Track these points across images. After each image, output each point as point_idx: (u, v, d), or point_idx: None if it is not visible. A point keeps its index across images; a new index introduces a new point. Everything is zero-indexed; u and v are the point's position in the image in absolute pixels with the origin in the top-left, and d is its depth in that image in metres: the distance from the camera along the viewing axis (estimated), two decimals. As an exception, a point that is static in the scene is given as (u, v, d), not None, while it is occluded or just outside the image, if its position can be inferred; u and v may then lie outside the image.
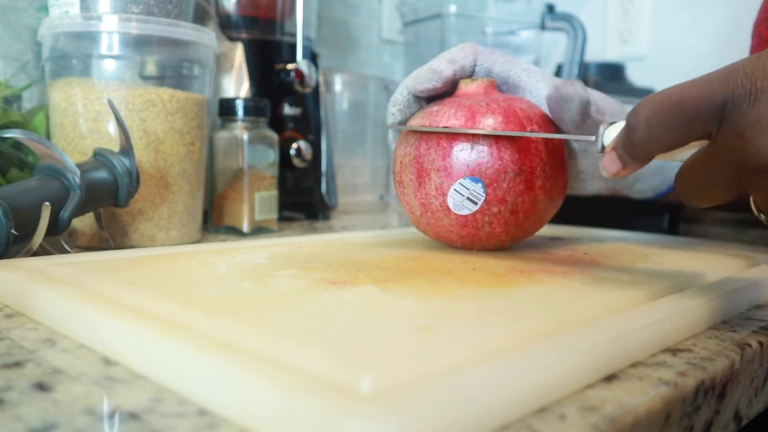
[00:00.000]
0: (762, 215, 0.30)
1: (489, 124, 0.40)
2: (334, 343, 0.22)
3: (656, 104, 0.27)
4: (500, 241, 0.42)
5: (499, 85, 0.45)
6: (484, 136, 0.40)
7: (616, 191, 0.50)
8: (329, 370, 0.19)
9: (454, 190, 0.40)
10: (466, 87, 0.44)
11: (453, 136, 0.40)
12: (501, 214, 0.40)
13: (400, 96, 0.44)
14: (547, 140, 0.41)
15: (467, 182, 0.39)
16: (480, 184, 0.39)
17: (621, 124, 0.32)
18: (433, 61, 0.43)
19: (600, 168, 0.32)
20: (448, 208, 0.40)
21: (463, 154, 0.40)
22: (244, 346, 0.22)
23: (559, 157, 0.42)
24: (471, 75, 0.44)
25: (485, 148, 0.40)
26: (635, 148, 0.28)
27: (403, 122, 0.45)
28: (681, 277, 0.35)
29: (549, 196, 0.42)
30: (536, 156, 0.40)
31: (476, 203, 0.40)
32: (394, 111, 0.45)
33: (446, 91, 0.45)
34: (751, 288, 0.35)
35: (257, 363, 0.20)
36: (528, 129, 0.40)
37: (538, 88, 0.44)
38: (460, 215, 0.40)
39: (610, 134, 0.33)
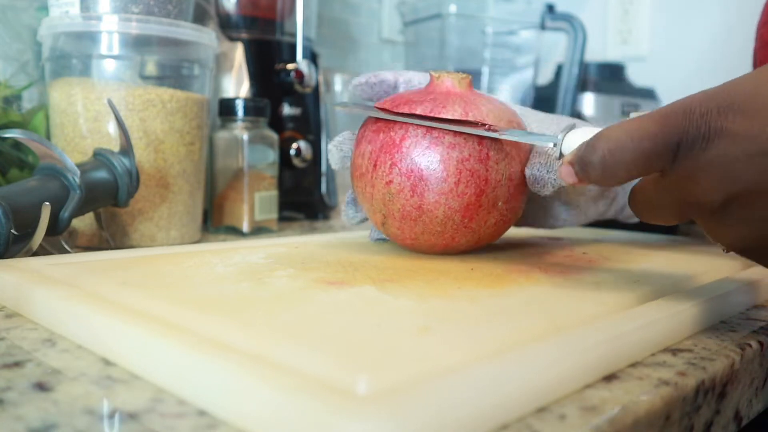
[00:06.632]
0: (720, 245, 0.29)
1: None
2: (331, 343, 0.22)
3: (613, 142, 0.26)
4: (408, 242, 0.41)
5: None
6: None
7: (606, 217, 0.49)
8: (326, 371, 0.19)
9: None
10: (439, 81, 0.40)
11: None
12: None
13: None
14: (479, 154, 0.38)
15: None
16: None
17: (581, 131, 0.32)
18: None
19: (556, 174, 0.32)
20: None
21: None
22: (242, 346, 0.22)
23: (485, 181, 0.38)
24: None
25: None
26: (591, 181, 0.28)
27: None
28: (680, 277, 0.35)
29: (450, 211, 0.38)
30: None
31: None
32: None
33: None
34: (751, 288, 0.35)
35: (254, 364, 0.20)
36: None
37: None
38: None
39: (570, 141, 0.32)
